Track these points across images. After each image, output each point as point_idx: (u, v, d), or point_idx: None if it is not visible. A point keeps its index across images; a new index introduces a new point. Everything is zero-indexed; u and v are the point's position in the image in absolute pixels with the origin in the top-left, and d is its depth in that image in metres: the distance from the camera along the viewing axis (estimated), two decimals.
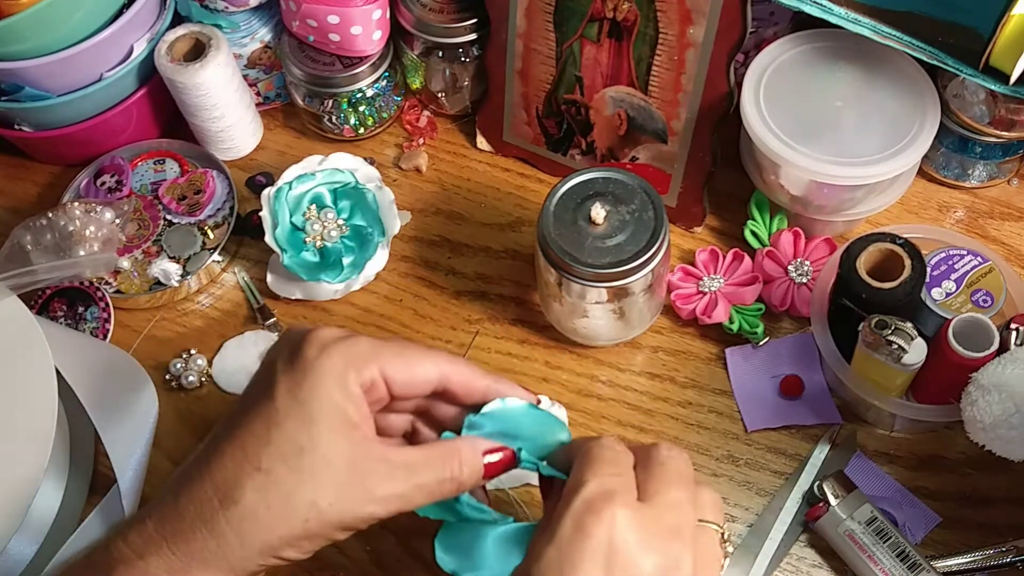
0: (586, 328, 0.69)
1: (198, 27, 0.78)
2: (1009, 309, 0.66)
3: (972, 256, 0.67)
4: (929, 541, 0.63)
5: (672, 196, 0.76)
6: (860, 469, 0.65)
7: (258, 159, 0.85)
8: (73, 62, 0.74)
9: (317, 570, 0.64)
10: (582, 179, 0.64)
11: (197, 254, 0.78)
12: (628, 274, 0.62)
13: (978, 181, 0.77)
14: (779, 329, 0.72)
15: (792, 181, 0.71)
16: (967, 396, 0.58)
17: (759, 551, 0.63)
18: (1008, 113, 0.72)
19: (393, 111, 0.84)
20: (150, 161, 0.82)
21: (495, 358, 0.73)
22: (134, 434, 0.68)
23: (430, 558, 0.64)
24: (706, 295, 0.71)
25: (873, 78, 0.70)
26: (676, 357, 0.72)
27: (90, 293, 0.75)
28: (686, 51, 0.69)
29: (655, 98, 0.73)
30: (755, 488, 0.66)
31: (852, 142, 0.67)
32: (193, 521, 0.43)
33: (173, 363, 0.73)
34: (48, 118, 0.78)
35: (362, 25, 0.76)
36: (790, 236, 0.72)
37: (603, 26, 0.71)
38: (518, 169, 0.83)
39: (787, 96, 0.69)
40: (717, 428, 0.69)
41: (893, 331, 0.59)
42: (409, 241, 0.79)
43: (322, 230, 0.74)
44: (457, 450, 0.47)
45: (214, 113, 0.79)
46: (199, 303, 0.77)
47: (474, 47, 0.80)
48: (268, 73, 0.85)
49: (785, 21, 0.77)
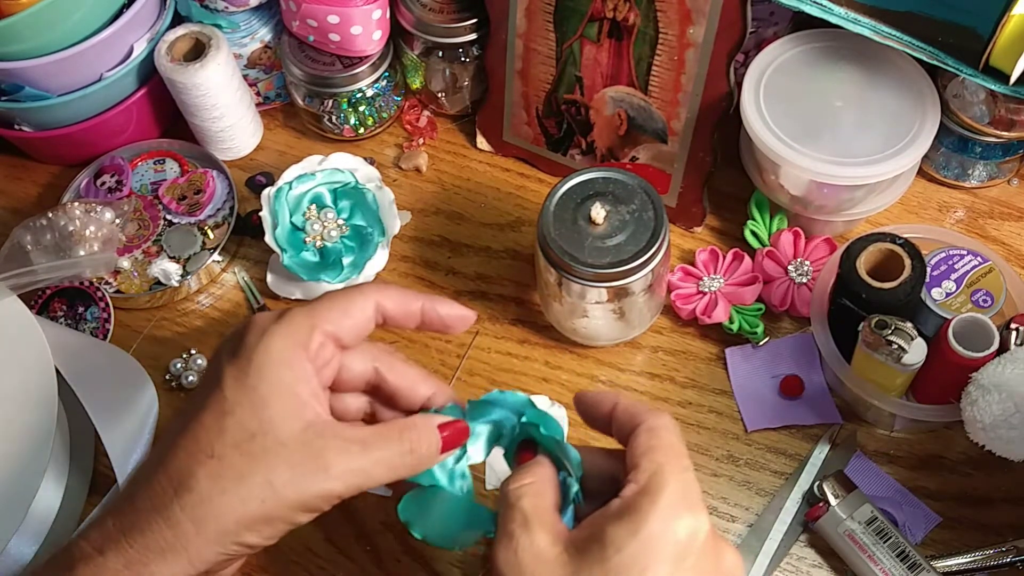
0: (586, 328, 0.69)
1: (198, 27, 0.78)
2: (1009, 309, 0.66)
3: (972, 256, 0.67)
4: (929, 541, 0.63)
5: (672, 196, 0.76)
6: (860, 469, 0.65)
7: (258, 159, 0.85)
8: (73, 62, 0.74)
9: (317, 569, 0.64)
10: (582, 179, 0.65)
11: (197, 254, 0.78)
12: (628, 274, 0.62)
13: (978, 181, 0.77)
14: (779, 329, 0.72)
15: (792, 181, 0.71)
16: (967, 396, 0.58)
17: (759, 551, 0.63)
18: (1008, 113, 0.72)
19: (393, 111, 0.84)
20: (150, 161, 0.82)
21: (495, 358, 0.73)
22: (134, 434, 0.68)
23: (431, 558, 0.64)
24: (706, 295, 0.71)
25: (873, 78, 0.70)
26: (676, 357, 0.72)
27: (90, 293, 0.75)
28: (686, 51, 0.69)
29: (655, 98, 0.73)
30: (755, 488, 0.66)
31: (852, 142, 0.67)
32: (149, 513, 0.43)
33: (173, 363, 0.73)
34: (48, 118, 0.78)
35: (362, 25, 0.76)
36: (790, 236, 0.72)
37: (603, 26, 0.71)
38: (518, 169, 0.83)
39: (787, 96, 0.69)
40: (717, 428, 0.69)
41: (893, 331, 0.59)
42: (409, 241, 0.79)
43: (322, 230, 0.74)
44: (413, 424, 0.47)
45: (214, 113, 0.79)
46: (199, 303, 0.77)
47: (474, 47, 0.80)
48: (268, 73, 0.85)
49: (785, 21, 0.77)
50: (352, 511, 0.66)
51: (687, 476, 0.43)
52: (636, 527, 0.41)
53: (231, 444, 0.43)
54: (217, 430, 0.44)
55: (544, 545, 0.43)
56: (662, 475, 0.43)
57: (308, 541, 0.65)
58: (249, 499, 0.43)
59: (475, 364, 0.72)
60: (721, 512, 0.65)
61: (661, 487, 0.42)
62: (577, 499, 0.47)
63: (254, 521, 0.43)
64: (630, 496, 0.43)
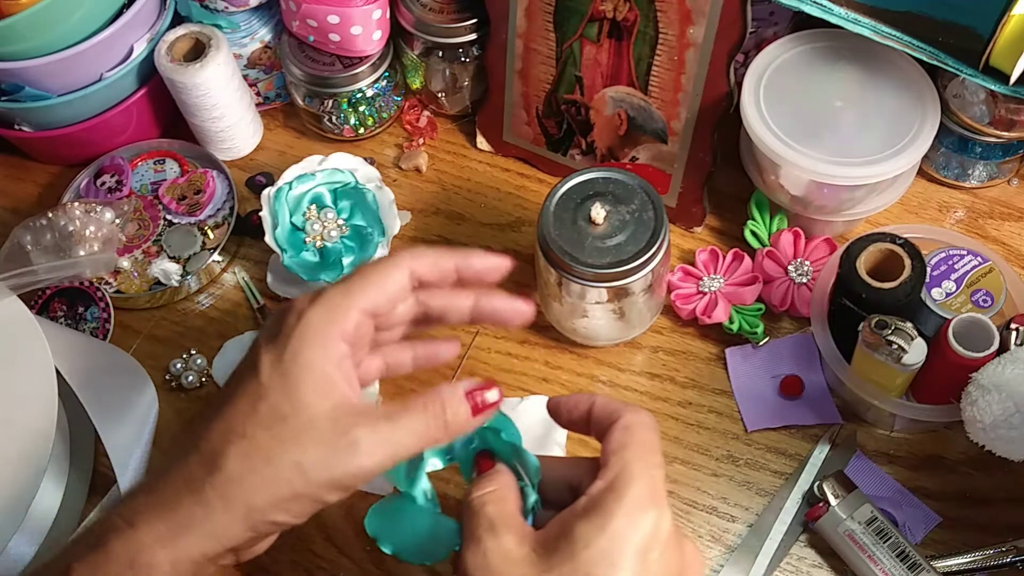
0: (586, 328, 0.69)
1: (198, 27, 0.78)
2: (1009, 309, 0.66)
3: (972, 256, 0.67)
4: (929, 541, 0.63)
5: (672, 196, 0.76)
6: (860, 469, 0.65)
7: (258, 159, 0.85)
8: (73, 62, 0.74)
9: (317, 569, 0.64)
10: (582, 179, 0.65)
11: (197, 254, 0.78)
12: (628, 274, 0.62)
13: (978, 181, 0.77)
14: (779, 329, 0.72)
15: (792, 181, 0.71)
16: (967, 396, 0.58)
17: (759, 551, 0.63)
18: (1008, 113, 0.72)
19: (393, 111, 0.84)
20: (150, 161, 0.82)
21: (495, 358, 0.73)
22: (134, 434, 0.68)
23: None
24: (706, 295, 0.71)
25: (873, 78, 0.70)
26: (676, 357, 0.72)
27: (90, 293, 0.75)
28: (686, 51, 0.69)
29: (655, 98, 0.73)
30: (755, 488, 0.66)
31: (852, 142, 0.67)
32: (180, 490, 0.44)
33: (173, 363, 0.73)
34: (48, 118, 0.78)
35: (362, 25, 0.76)
36: (790, 236, 0.72)
37: (603, 26, 0.71)
38: (518, 169, 0.83)
39: (787, 96, 0.69)
40: (717, 428, 0.69)
41: (893, 331, 0.59)
42: (409, 241, 0.79)
43: (322, 230, 0.74)
44: (438, 393, 0.47)
45: (214, 113, 0.79)
46: (199, 303, 0.77)
47: (474, 47, 0.80)
48: (268, 73, 0.85)
49: (785, 21, 0.77)
50: (352, 511, 0.66)
51: (654, 473, 0.44)
52: (603, 523, 0.42)
53: (263, 426, 0.44)
54: (251, 412, 0.44)
55: (511, 546, 0.43)
56: (629, 472, 0.43)
57: (308, 541, 0.65)
58: (278, 479, 0.43)
59: (475, 364, 0.72)
60: (721, 512, 0.65)
61: (627, 484, 0.43)
62: (536, 508, 0.48)
63: (283, 500, 0.44)
64: (596, 493, 0.43)
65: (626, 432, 0.45)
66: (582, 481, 0.46)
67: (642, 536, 0.42)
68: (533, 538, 0.44)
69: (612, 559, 0.41)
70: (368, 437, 0.44)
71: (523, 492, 0.48)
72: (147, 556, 0.43)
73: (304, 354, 0.45)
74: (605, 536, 0.42)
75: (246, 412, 0.45)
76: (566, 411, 0.49)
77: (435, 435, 0.46)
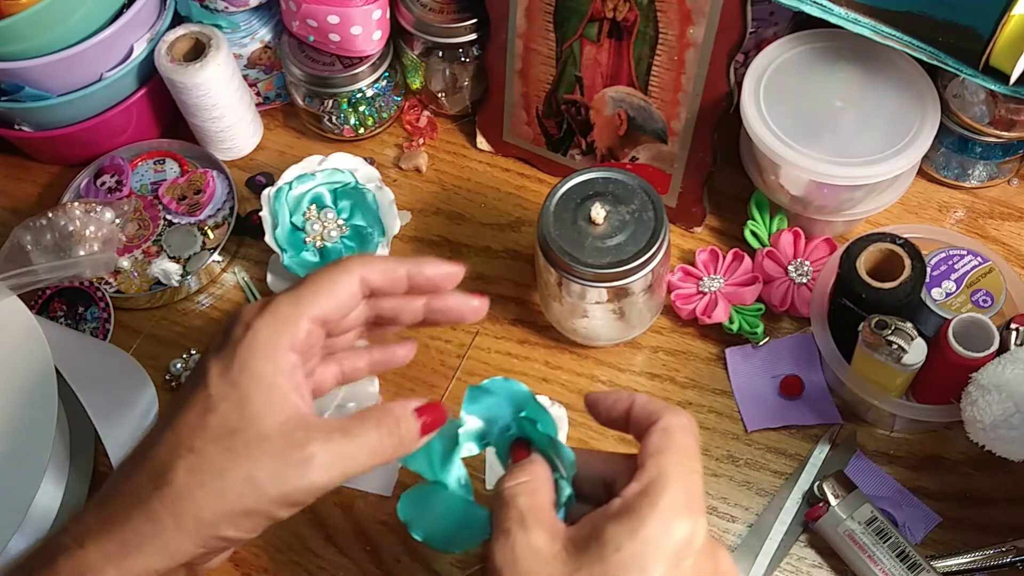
0: (586, 328, 0.69)
1: (198, 27, 0.78)
2: (1009, 309, 0.66)
3: (972, 256, 0.67)
4: (929, 541, 0.63)
5: (672, 196, 0.76)
6: (860, 469, 0.65)
7: (258, 159, 0.85)
8: (73, 62, 0.74)
9: (317, 569, 0.64)
10: (582, 179, 0.65)
11: (197, 254, 0.78)
12: (628, 274, 0.62)
13: (978, 181, 0.77)
14: (779, 329, 0.72)
15: (792, 181, 0.71)
16: (967, 396, 0.58)
17: (759, 551, 0.63)
18: (1008, 113, 0.72)
19: (393, 111, 0.84)
20: (150, 161, 0.82)
21: (495, 358, 0.73)
22: (134, 434, 0.68)
23: (431, 558, 0.64)
24: (706, 295, 0.71)
25: (873, 78, 0.70)
26: (676, 357, 0.72)
27: (90, 293, 0.75)
28: (686, 51, 0.69)
29: (655, 98, 0.73)
30: (755, 488, 0.66)
31: (852, 142, 0.67)
32: (128, 507, 0.43)
33: (173, 363, 0.73)
34: (48, 118, 0.78)
35: (362, 25, 0.76)
36: (790, 236, 0.72)
37: (603, 26, 0.71)
38: (518, 169, 0.83)
39: (787, 96, 0.69)
40: (717, 428, 0.69)
41: (893, 331, 0.59)
42: (409, 241, 0.79)
43: (322, 230, 0.74)
44: (389, 409, 0.47)
45: (214, 113, 0.79)
46: (199, 303, 0.77)
47: (474, 47, 0.80)
48: (268, 73, 0.85)
49: (785, 21, 0.77)
50: (352, 511, 0.66)
51: (692, 479, 0.43)
52: (635, 527, 0.41)
53: (212, 439, 0.43)
54: (199, 426, 0.44)
55: (542, 542, 0.42)
56: (665, 478, 0.43)
57: (308, 541, 0.65)
58: (228, 493, 0.43)
59: (475, 364, 0.72)
60: (721, 512, 0.65)
61: (663, 490, 0.42)
62: (570, 501, 0.47)
63: (233, 515, 0.43)
64: (631, 496, 0.42)
65: (664, 435, 0.44)
66: (618, 479, 0.45)
67: (675, 543, 0.41)
68: (563, 535, 0.43)
69: (642, 564, 0.40)
70: (323, 452, 0.44)
71: (557, 485, 0.47)
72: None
73: (252, 365, 0.44)
74: (636, 541, 0.41)
75: (195, 425, 0.44)
76: (604, 408, 0.48)
77: (389, 452, 0.46)
